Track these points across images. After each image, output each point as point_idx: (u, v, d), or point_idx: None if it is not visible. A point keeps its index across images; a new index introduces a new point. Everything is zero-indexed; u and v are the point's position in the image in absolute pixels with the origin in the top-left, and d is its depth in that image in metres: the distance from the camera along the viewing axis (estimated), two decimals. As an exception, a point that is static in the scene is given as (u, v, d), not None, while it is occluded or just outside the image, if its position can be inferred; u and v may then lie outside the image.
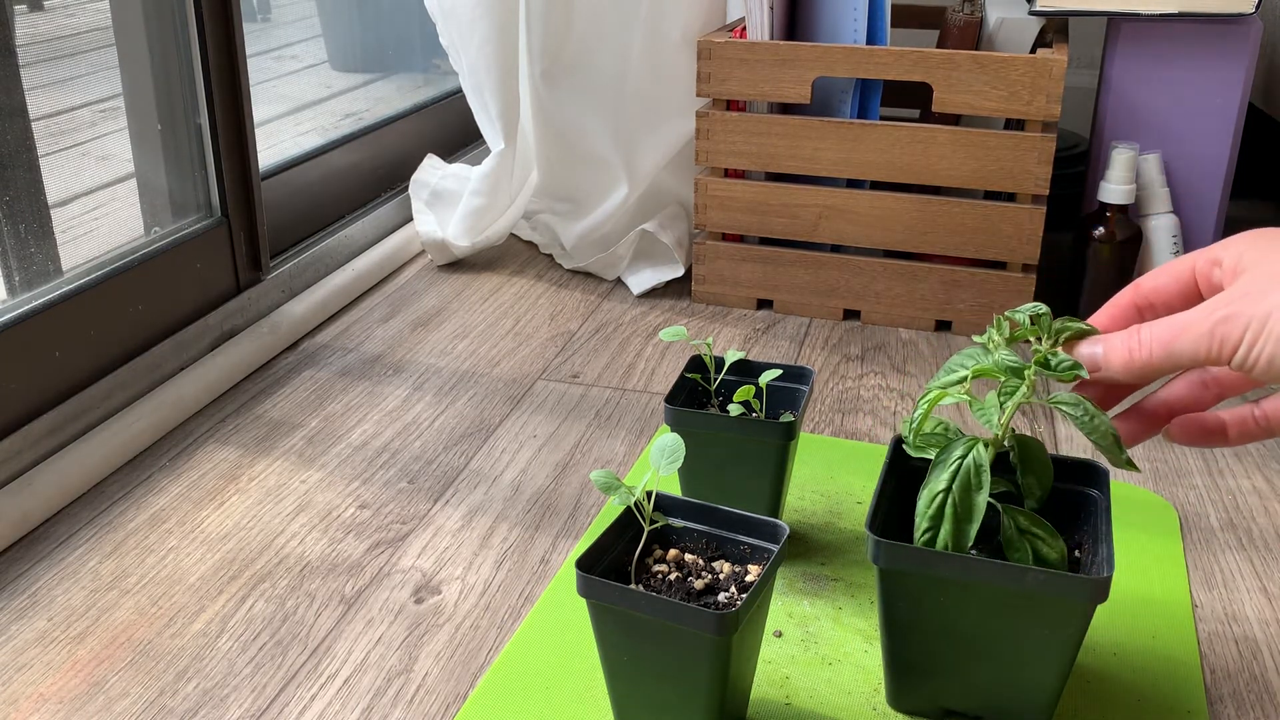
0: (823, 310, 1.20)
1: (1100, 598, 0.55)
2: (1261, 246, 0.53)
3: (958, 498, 0.57)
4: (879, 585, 0.60)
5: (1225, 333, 0.51)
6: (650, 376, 1.06)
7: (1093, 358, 0.55)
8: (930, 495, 0.58)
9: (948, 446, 0.59)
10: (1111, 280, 1.09)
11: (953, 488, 0.57)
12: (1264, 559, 0.79)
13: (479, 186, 1.31)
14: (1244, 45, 1.08)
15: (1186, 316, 0.52)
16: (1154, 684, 0.66)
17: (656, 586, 0.60)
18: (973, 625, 0.59)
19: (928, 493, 0.58)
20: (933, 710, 0.64)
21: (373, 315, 1.20)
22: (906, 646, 0.62)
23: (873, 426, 0.97)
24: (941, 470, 0.58)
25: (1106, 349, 0.55)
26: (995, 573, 0.57)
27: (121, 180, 1.09)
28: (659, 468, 0.60)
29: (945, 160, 1.10)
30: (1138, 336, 0.54)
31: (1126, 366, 0.54)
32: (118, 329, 0.96)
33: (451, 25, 1.29)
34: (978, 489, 0.57)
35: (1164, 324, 0.53)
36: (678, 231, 1.29)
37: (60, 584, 0.76)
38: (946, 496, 0.57)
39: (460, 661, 0.69)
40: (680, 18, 1.22)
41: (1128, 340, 0.54)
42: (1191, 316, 0.52)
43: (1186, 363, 0.52)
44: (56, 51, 1.08)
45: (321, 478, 0.89)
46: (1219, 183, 1.14)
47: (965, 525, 0.57)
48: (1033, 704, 0.60)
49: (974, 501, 0.57)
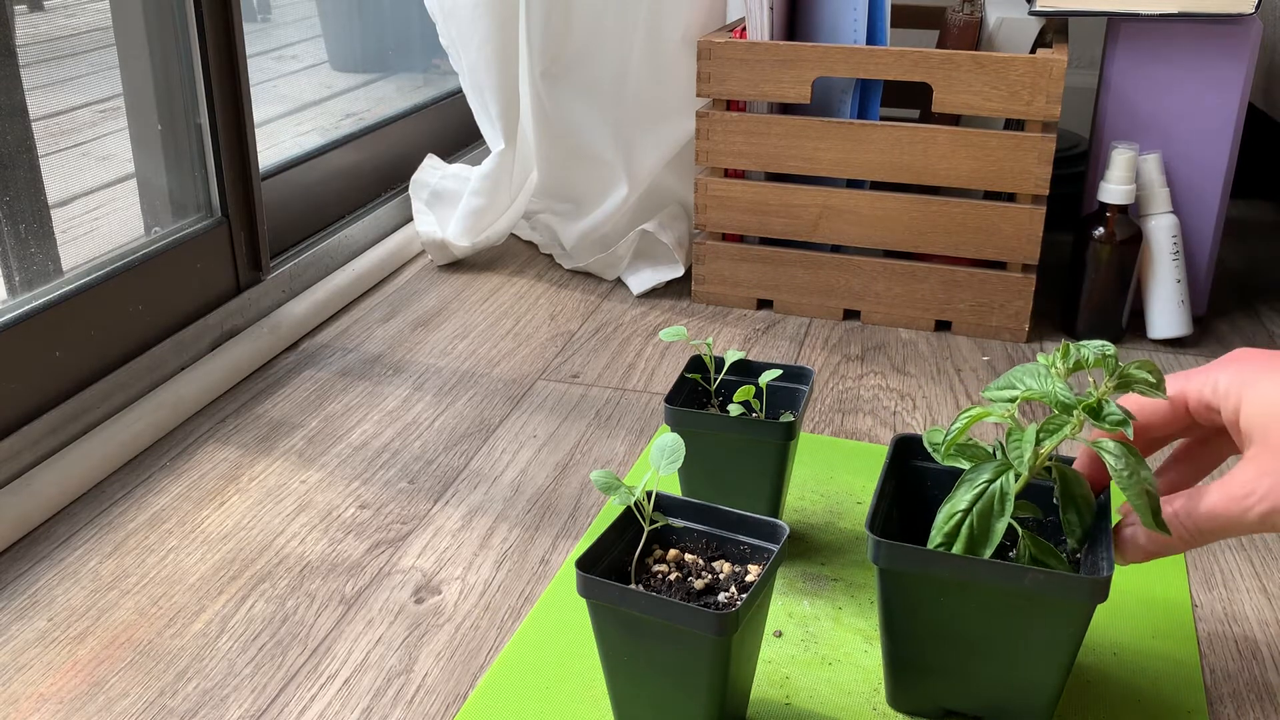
0: (823, 310, 1.20)
1: (1100, 598, 0.55)
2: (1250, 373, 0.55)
3: (975, 522, 0.57)
4: (879, 585, 0.60)
5: (1274, 523, 0.53)
6: (650, 376, 1.06)
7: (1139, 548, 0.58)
8: (950, 512, 0.58)
9: (978, 467, 0.58)
10: (1112, 280, 1.09)
11: (973, 510, 0.57)
12: (1264, 559, 0.79)
13: (479, 187, 1.31)
14: (1244, 45, 1.08)
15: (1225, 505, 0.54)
16: (1154, 684, 0.66)
17: (656, 586, 0.60)
18: (972, 626, 0.59)
19: (948, 509, 0.58)
20: (933, 710, 0.64)
21: (373, 315, 1.20)
22: (906, 646, 0.62)
23: (873, 426, 0.97)
24: (967, 490, 0.58)
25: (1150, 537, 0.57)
26: (995, 573, 0.57)
27: (121, 180, 1.09)
28: (659, 468, 0.60)
29: (945, 160, 1.10)
30: (1184, 527, 0.56)
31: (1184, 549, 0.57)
32: (118, 329, 0.96)
33: (451, 25, 1.29)
34: (998, 516, 0.57)
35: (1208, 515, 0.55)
36: (678, 231, 1.29)
37: (60, 584, 0.76)
38: (965, 518, 0.57)
39: (460, 661, 0.69)
40: (680, 18, 1.22)
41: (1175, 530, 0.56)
42: (1231, 509, 0.54)
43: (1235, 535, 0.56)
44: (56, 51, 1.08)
45: (321, 478, 0.89)
46: (1219, 183, 1.14)
47: (979, 549, 0.57)
48: (1032, 704, 0.60)
49: (992, 527, 0.57)
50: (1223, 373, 0.56)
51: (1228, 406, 0.55)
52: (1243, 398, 0.54)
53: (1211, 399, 0.56)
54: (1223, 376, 0.56)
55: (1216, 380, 0.56)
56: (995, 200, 1.11)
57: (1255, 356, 0.56)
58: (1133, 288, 1.11)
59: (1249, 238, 1.42)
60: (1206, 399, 0.56)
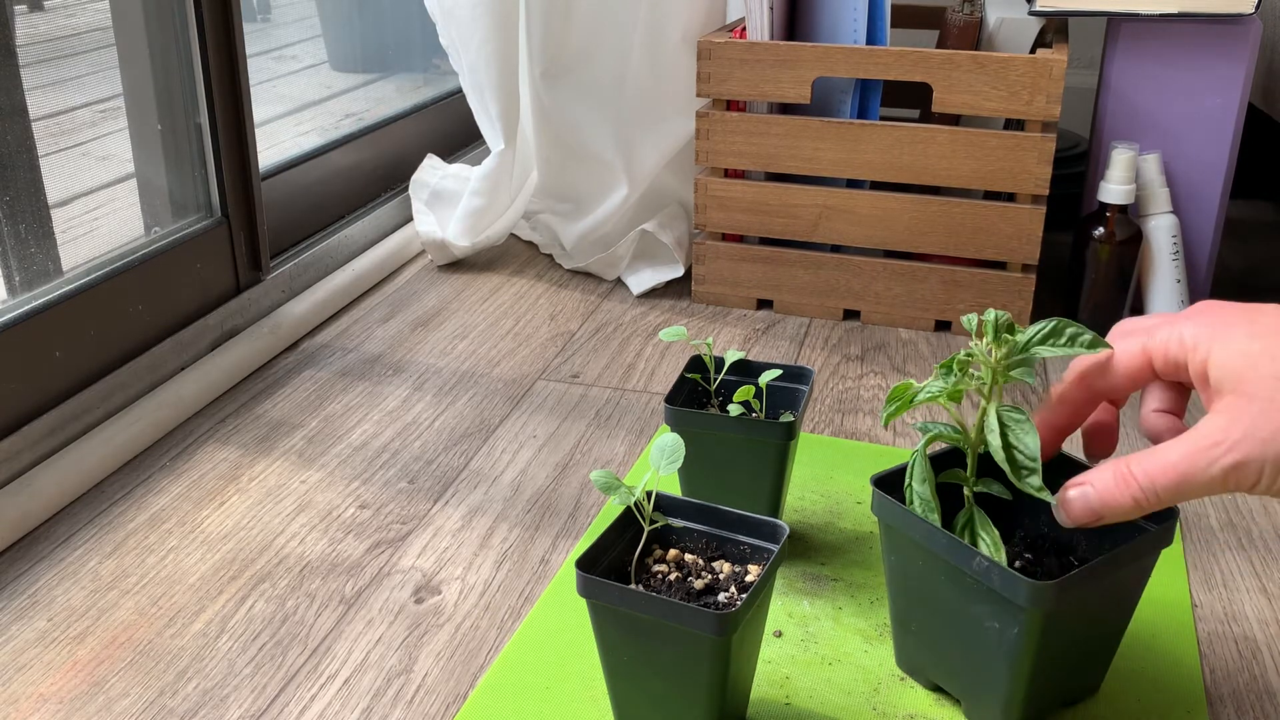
0: (823, 310, 1.20)
1: (1039, 604, 0.54)
2: (1219, 325, 0.52)
3: None
4: (881, 536, 0.64)
5: (1239, 479, 0.50)
6: (650, 376, 1.06)
7: (1086, 506, 0.54)
8: None
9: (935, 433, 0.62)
10: (1111, 280, 1.09)
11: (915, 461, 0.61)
12: (1264, 559, 0.79)
13: (479, 187, 1.31)
14: (1244, 45, 1.08)
15: (1188, 458, 0.50)
16: (1154, 684, 0.66)
17: (656, 586, 0.60)
18: (940, 598, 0.60)
19: None
20: (925, 682, 0.65)
21: (373, 315, 1.20)
22: (896, 603, 0.65)
23: (873, 426, 0.97)
24: None
25: (1101, 494, 0.54)
26: (946, 547, 0.58)
27: (121, 180, 1.09)
28: (659, 468, 0.60)
29: (945, 160, 1.10)
30: (1136, 482, 0.52)
31: (1137, 510, 0.53)
32: (118, 329, 0.96)
33: (451, 25, 1.29)
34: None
35: (1165, 467, 0.51)
36: (678, 231, 1.29)
37: (60, 584, 0.76)
38: None
39: (460, 661, 0.69)
40: (680, 18, 1.22)
41: (1126, 486, 0.52)
42: (1195, 461, 0.50)
43: (1200, 495, 0.52)
44: (56, 51, 1.08)
45: (321, 478, 0.89)
46: (1219, 183, 1.14)
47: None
48: (994, 702, 0.60)
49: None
50: (1188, 324, 0.53)
51: (1195, 359, 0.52)
52: (1211, 350, 0.51)
53: (1178, 353, 0.53)
54: (1188, 328, 0.53)
55: (1182, 333, 0.53)
56: (995, 200, 1.11)
57: (1220, 308, 0.53)
58: (1133, 288, 1.11)
59: (1249, 238, 1.42)
60: (1173, 353, 0.53)
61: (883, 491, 0.62)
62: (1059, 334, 0.56)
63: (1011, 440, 0.55)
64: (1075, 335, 0.56)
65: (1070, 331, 0.56)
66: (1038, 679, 0.58)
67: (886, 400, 0.60)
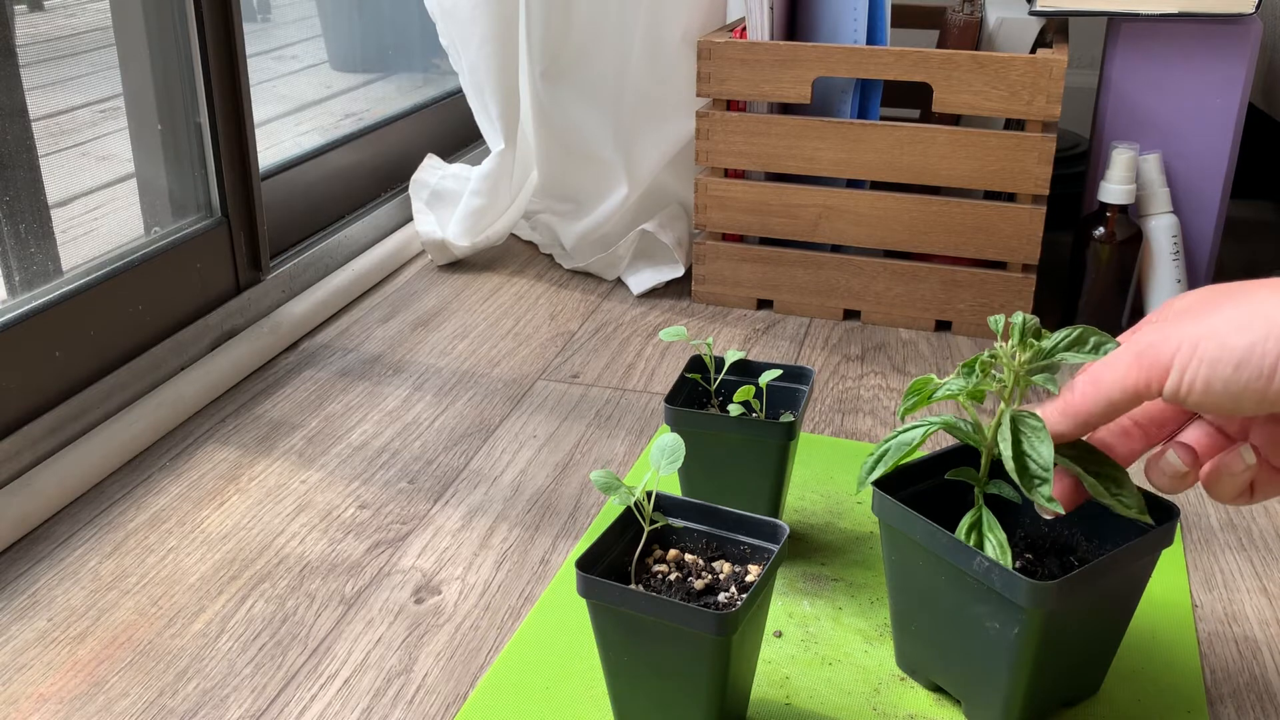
0: (823, 310, 1.20)
1: (1039, 604, 0.54)
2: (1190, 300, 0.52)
3: None
4: (881, 536, 0.64)
5: (1153, 359, 0.48)
6: (650, 376, 1.06)
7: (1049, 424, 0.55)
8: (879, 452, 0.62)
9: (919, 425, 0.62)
10: (1112, 280, 1.09)
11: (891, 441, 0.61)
12: (1264, 559, 0.79)
13: (479, 187, 1.31)
14: (1244, 45, 1.08)
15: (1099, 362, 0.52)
16: (1154, 684, 0.66)
17: (656, 586, 0.60)
18: (941, 599, 0.60)
19: None
20: (925, 683, 0.65)
21: (373, 315, 1.20)
22: (896, 602, 0.65)
23: (873, 426, 0.97)
24: None
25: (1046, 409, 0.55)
26: (947, 547, 0.58)
27: (121, 180, 1.09)
28: (659, 468, 0.60)
29: (945, 160, 1.10)
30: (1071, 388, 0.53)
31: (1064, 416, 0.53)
32: (118, 329, 0.96)
33: (451, 25, 1.29)
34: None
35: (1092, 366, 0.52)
36: (678, 231, 1.29)
37: (60, 584, 0.76)
38: None
39: (460, 661, 0.69)
40: (680, 18, 1.22)
41: (1063, 393, 0.54)
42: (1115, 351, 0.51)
43: (1119, 399, 0.50)
44: (56, 51, 1.08)
45: (321, 478, 0.89)
46: (1219, 183, 1.14)
47: None
48: (996, 704, 0.60)
49: None
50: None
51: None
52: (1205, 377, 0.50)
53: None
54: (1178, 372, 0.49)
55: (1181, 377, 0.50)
56: (995, 200, 1.11)
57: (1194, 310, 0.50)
58: (1133, 288, 1.11)
59: (1249, 238, 1.42)
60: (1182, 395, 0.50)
61: (883, 492, 0.62)
62: (1084, 341, 0.56)
63: (1026, 449, 0.55)
64: (1100, 343, 0.55)
65: (1095, 339, 0.55)
66: (1038, 679, 0.58)
67: (906, 393, 0.60)
